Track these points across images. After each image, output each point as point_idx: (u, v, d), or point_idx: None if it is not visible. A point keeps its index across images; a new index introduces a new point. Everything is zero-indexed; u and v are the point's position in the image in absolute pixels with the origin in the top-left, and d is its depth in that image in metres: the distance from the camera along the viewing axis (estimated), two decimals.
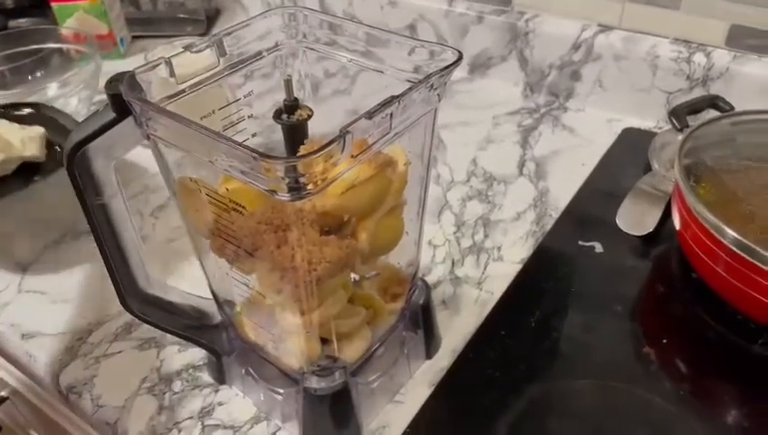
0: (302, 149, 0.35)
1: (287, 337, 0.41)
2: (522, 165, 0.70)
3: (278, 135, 0.41)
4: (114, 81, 0.35)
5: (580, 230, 0.60)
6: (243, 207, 0.35)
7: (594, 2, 0.75)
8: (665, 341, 0.50)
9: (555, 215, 0.63)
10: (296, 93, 0.41)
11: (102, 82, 0.36)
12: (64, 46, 0.86)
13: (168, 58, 0.37)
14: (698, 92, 0.71)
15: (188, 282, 0.47)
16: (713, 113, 0.63)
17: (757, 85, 0.68)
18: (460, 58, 0.36)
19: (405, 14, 0.86)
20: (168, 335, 0.48)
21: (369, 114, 0.31)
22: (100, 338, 0.52)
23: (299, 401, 0.42)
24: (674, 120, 0.61)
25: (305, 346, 0.40)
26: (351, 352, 0.43)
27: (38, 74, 0.84)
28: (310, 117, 0.39)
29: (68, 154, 0.36)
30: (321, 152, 0.29)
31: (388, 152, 0.37)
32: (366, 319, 0.43)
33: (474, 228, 0.62)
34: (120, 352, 0.51)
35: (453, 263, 0.58)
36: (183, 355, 0.51)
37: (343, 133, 0.30)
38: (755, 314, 0.49)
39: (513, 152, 0.72)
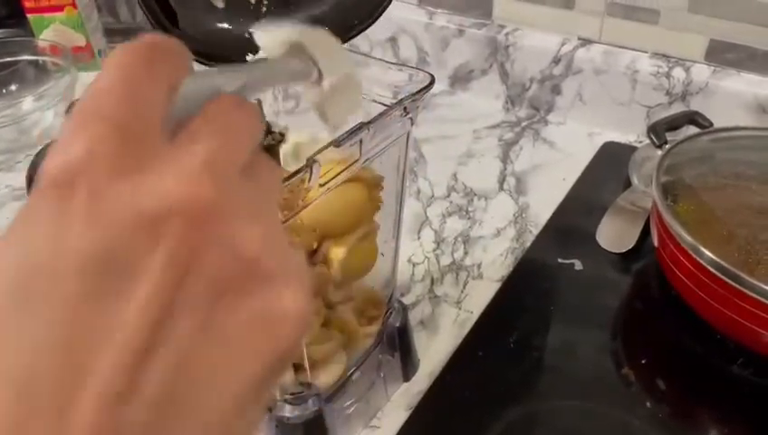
0: None
1: None
2: (502, 180, 0.70)
3: None
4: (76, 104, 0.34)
5: (560, 247, 0.60)
6: None
7: (573, 16, 0.75)
8: (644, 361, 0.50)
9: (535, 231, 0.63)
10: (274, 105, 0.40)
11: (79, 95, 0.35)
12: (40, 58, 0.84)
13: None
14: (678, 107, 0.71)
15: None
16: (692, 129, 0.63)
17: (736, 100, 0.68)
18: (432, 82, 0.36)
19: (385, 27, 0.86)
20: None
21: (337, 142, 0.31)
22: None
23: (272, 429, 0.41)
24: (653, 137, 0.61)
25: None
26: (326, 377, 0.42)
27: (13, 87, 0.83)
28: (281, 142, 0.38)
29: (27, 178, 0.35)
30: (287, 183, 0.29)
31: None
32: (341, 344, 0.42)
33: (453, 245, 0.62)
34: None
35: (432, 281, 0.58)
36: None
37: (309, 163, 0.29)
38: (733, 335, 0.49)
39: (493, 167, 0.72)
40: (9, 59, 0.83)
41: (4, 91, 0.82)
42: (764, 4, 0.64)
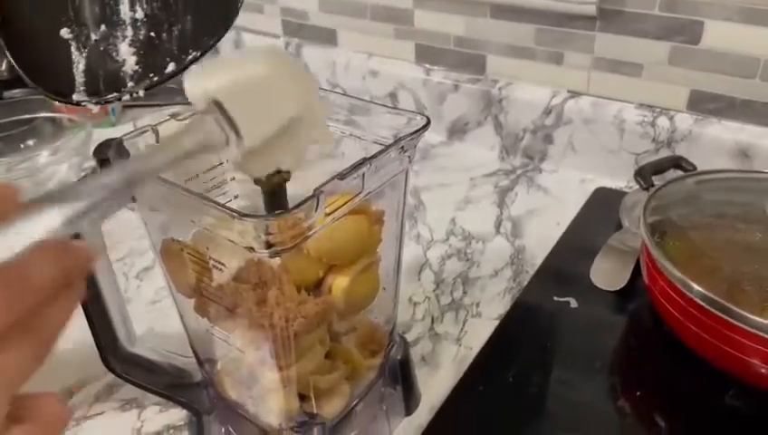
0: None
1: (266, 394, 0.42)
2: (499, 224, 0.73)
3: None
4: (103, 146, 0.37)
5: (556, 286, 0.62)
6: (222, 263, 0.36)
7: (562, 70, 0.80)
8: (639, 393, 0.51)
9: (531, 272, 0.65)
10: None
11: (92, 150, 0.38)
12: (57, 115, 0.89)
13: (155, 126, 0.39)
14: (664, 153, 0.75)
15: (171, 342, 0.48)
16: (678, 173, 0.66)
17: (718, 146, 0.71)
18: (428, 123, 0.39)
19: (386, 84, 0.91)
20: (150, 395, 0.48)
21: (342, 175, 0.34)
22: (81, 399, 0.53)
23: None
24: (640, 180, 0.64)
25: (283, 402, 0.41)
26: (330, 408, 0.44)
27: (30, 142, 0.87)
28: (287, 180, 0.41)
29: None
30: (294, 211, 0.31)
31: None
32: (344, 375, 0.44)
33: (453, 286, 0.64)
34: (101, 413, 0.51)
35: (432, 320, 0.60)
36: (164, 416, 0.51)
37: (317, 193, 0.32)
38: (724, 366, 0.50)
39: (490, 212, 0.75)
40: (27, 116, 0.87)
41: (21, 145, 0.86)
42: (740, 56, 0.69)
